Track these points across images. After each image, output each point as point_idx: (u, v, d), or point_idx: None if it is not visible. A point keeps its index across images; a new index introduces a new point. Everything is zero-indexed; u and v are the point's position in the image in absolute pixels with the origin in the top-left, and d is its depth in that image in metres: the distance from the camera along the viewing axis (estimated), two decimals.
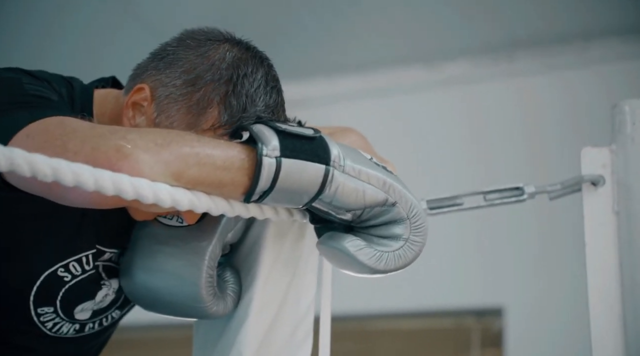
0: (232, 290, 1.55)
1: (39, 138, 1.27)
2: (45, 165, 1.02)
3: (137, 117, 1.48)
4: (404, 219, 1.43)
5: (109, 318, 1.63)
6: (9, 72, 1.46)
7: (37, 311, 1.52)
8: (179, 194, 1.28)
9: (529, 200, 1.79)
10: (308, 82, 4.46)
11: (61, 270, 1.51)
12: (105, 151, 1.23)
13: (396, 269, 1.44)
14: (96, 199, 1.27)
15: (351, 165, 1.40)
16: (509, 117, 4.18)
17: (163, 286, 1.50)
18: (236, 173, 1.33)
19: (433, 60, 4.30)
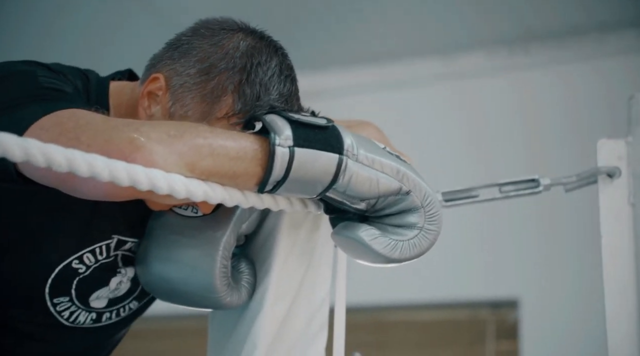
0: (246, 281, 1.56)
1: (52, 130, 1.28)
2: (60, 155, 1.02)
3: (153, 106, 1.48)
4: (418, 208, 1.43)
5: (126, 308, 1.64)
6: (24, 65, 1.46)
7: (53, 302, 1.53)
8: (193, 185, 1.28)
9: (544, 192, 1.79)
10: (323, 74, 4.46)
11: (75, 262, 1.52)
12: (119, 143, 1.24)
13: (411, 258, 1.43)
14: (110, 191, 1.27)
15: (364, 154, 1.40)
16: (524, 109, 4.17)
17: (178, 276, 1.50)
18: (250, 164, 1.33)
19: (448, 52, 4.29)
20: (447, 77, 4.30)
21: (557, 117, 4.10)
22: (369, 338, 4.27)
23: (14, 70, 1.44)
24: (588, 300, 3.41)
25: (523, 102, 4.18)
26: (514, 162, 4.06)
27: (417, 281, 4.10)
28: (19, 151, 0.94)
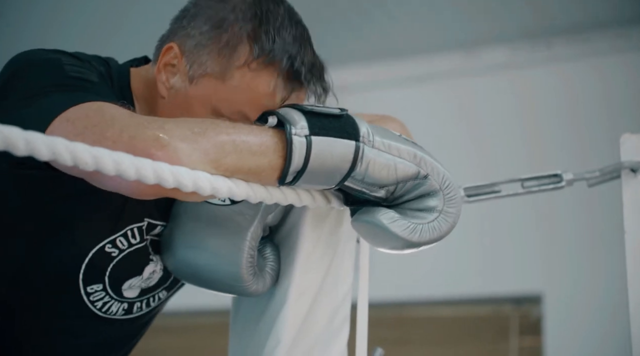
0: (270, 267, 1.56)
1: (78, 123, 1.29)
2: (86, 154, 1.03)
3: (171, 77, 1.51)
4: (437, 191, 1.43)
5: (156, 298, 1.65)
6: (49, 53, 1.47)
7: (86, 291, 1.54)
8: (218, 182, 1.29)
9: (567, 187, 1.78)
10: (346, 69, 4.46)
11: (109, 246, 1.53)
12: (144, 141, 1.25)
13: (430, 241, 1.43)
14: (136, 188, 1.28)
15: (381, 140, 1.40)
16: (547, 103, 4.16)
17: (204, 263, 1.52)
18: (272, 157, 1.34)
19: (471, 47, 4.28)
20: (471, 72, 4.29)
21: (580, 112, 4.09)
22: (392, 334, 4.27)
23: (40, 59, 1.45)
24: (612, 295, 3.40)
25: (546, 97, 4.17)
26: (536, 156, 4.04)
27: (439, 277, 4.10)
28: (45, 150, 0.95)
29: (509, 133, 4.19)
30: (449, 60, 4.33)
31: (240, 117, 1.47)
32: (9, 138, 0.91)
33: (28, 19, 3.96)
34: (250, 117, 1.46)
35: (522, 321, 4.15)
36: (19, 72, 1.44)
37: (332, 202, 1.49)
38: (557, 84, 4.15)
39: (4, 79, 1.45)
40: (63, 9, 3.95)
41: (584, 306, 3.85)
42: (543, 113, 4.16)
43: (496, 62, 4.25)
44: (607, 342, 3.64)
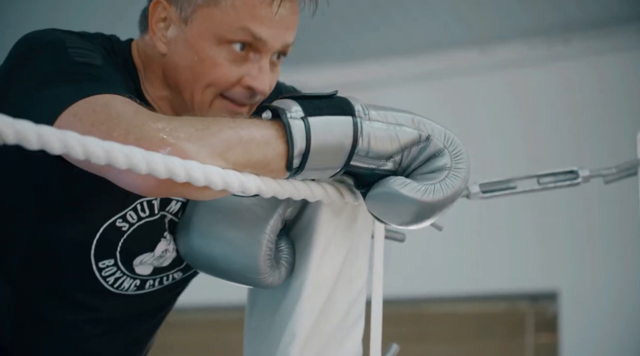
0: (285, 260, 1.56)
1: (86, 120, 1.30)
2: (98, 147, 1.03)
3: (166, 31, 1.52)
4: (442, 150, 1.42)
5: (169, 277, 1.65)
6: (51, 35, 1.47)
7: (98, 266, 1.56)
8: (230, 176, 1.29)
9: (583, 183, 1.78)
10: (363, 65, 4.46)
11: (119, 220, 1.54)
12: (150, 142, 1.25)
13: (445, 200, 1.41)
14: (146, 184, 1.28)
15: (376, 112, 1.41)
16: (564, 100, 4.15)
17: (220, 254, 1.52)
18: (275, 144, 1.34)
19: (487, 43, 4.28)
20: (487, 69, 4.28)
21: (596, 108, 4.08)
22: (407, 330, 4.27)
23: (42, 41, 1.46)
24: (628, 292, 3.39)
25: (564, 93, 4.16)
26: (554, 152, 4.04)
27: (455, 273, 4.10)
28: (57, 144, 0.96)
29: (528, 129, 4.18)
30: (465, 57, 4.32)
31: (247, 35, 1.48)
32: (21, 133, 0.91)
33: (28, 19, 3.97)
34: (256, 33, 1.48)
35: (538, 317, 4.14)
36: (24, 56, 1.45)
37: (346, 196, 1.49)
38: (573, 80, 4.14)
39: (10, 63, 1.46)
40: (63, 9, 3.96)
41: (600, 303, 3.84)
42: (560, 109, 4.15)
43: (512, 58, 4.24)
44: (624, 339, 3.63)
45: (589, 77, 4.12)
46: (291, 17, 1.53)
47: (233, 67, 1.50)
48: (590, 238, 3.94)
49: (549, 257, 4.00)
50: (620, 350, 3.70)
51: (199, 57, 1.50)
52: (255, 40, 1.49)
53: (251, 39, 1.49)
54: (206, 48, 1.49)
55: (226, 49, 1.50)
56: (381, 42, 4.34)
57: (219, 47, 1.49)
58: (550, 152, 4.06)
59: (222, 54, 1.50)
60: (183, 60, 1.51)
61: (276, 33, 1.51)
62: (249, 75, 1.51)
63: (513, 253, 4.06)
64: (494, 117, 4.26)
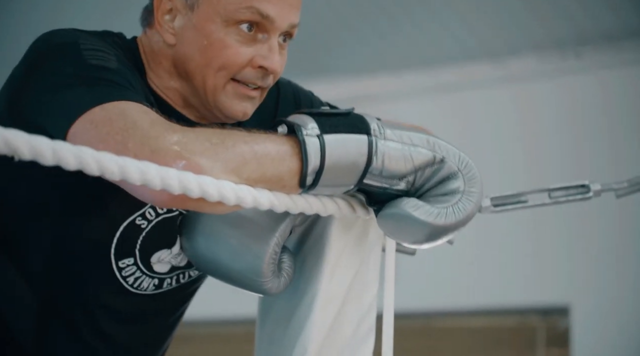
0: (286, 272, 1.56)
1: (102, 128, 1.31)
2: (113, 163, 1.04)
3: (172, 23, 1.54)
4: (456, 173, 1.42)
5: (186, 275, 1.66)
6: (64, 36, 1.49)
7: (118, 266, 1.57)
8: (243, 191, 1.30)
9: (595, 197, 1.77)
10: (375, 78, 4.47)
11: (139, 218, 1.55)
12: (165, 155, 1.26)
13: (457, 224, 1.41)
14: (160, 198, 1.29)
15: (391, 132, 1.41)
16: (575, 112, 4.14)
17: (226, 250, 1.52)
18: (289, 161, 1.35)
19: (499, 56, 4.28)
20: (499, 81, 4.29)
21: (607, 121, 4.07)
22: (419, 345, 4.26)
23: (57, 43, 1.47)
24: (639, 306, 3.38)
25: (576, 107, 4.15)
26: (564, 166, 4.03)
27: (466, 287, 4.09)
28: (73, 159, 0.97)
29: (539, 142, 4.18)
30: (477, 69, 4.33)
31: (254, 14, 1.50)
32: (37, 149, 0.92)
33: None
34: (262, 10, 1.50)
35: (549, 332, 4.13)
36: (39, 57, 1.46)
37: (358, 210, 1.50)
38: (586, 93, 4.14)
39: (25, 64, 1.47)
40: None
41: (612, 318, 3.83)
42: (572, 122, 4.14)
43: (524, 71, 4.24)
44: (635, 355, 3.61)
45: (600, 90, 4.12)
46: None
47: (243, 48, 1.52)
48: (602, 253, 3.93)
49: (561, 272, 4.00)
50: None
51: (208, 41, 1.52)
52: (262, 18, 1.51)
53: (258, 18, 1.51)
54: (215, 31, 1.51)
55: (234, 30, 1.52)
56: (393, 54, 4.35)
57: (227, 29, 1.51)
58: (561, 165, 4.06)
59: (231, 36, 1.52)
60: (193, 47, 1.53)
61: (282, 10, 1.53)
62: (259, 55, 1.53)
63: (524, 267, 4.05)
64: (505, 130, 4.25)
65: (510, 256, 4.04)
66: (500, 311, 4.20)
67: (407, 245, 1.48)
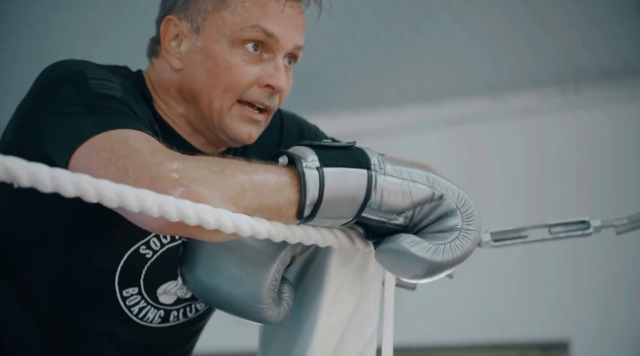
0: (286, 301, 1.56)
1: (103, 155, 1.32)
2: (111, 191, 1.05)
3: (178, 48, 1.58)
4: (454, 210, 1.42)
5: (193, 308, 1.66)
6: (72, 66, 1.51)
7: (122, 294, 1.56)
8: (240, 219, 1.30)
9: (595, 234, 1.77)
10: (378, 113, 4.49)
11: (143, 247, 1.55)
12: (164, 183, 1.27)
13: (454, 261, 1.41)
14: (158, 225, 1.30)
15: (392, 167, 1.41)
16: (575, 148, 4.15)
17: (226, 277, 1.52)
18: (288, 192, 1.35)
19: (499, 91, 4.30)
20: (499, 117, 4.30)
21: (607, 157, 4.08)
22: None
23: (63, 73, 1.49)
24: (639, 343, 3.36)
25: (574, 142, 4.16)
26: (563, 201, 4.04)
27: (466, 321, 4.08)
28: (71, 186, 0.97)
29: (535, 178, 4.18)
30: (477, 105, 4.34)
31: (259, 32, 1.53)
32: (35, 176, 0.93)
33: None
34: (267, 29, 1.53)
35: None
36: (47, 86, 1.48)
37: (357, 243, 1.50)
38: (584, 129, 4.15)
39: (33, 94, 1.49)
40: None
41: (611, 353, 3.82)
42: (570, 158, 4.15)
43: (524, 107, 4.26)
44: None
45: (600, 126, 4.13)
46: (298, 17, 1.58)
47: (249, 68, 1.55)
48: (602, 289, 3.92)
49: (561, 307, 3.99)
50: None
51: (214, 62, 1.54)
52: (267, 37, 1.54)
53: (264, 37, 1.54)
54: (221, 52, 1.54)
55: (240, 50, 1.54)
56: (396, 90, 4.37)
57: (232, 49, 1.54)
58: (561, 200, 4.06)
59: (237, 56, 1.54)
60: (199, 69, 1.56)
61: (286, 30, 1.56)
62: (266, 73, 1.56)
63: (525, 302, 4.05)
64: (505, 165, 4.26)
65: (510, 291, 4.03)
66: (501, 346, 4.19)
67: (406, 280, 1.48)
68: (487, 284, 4.11)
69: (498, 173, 4.24)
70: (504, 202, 4.10)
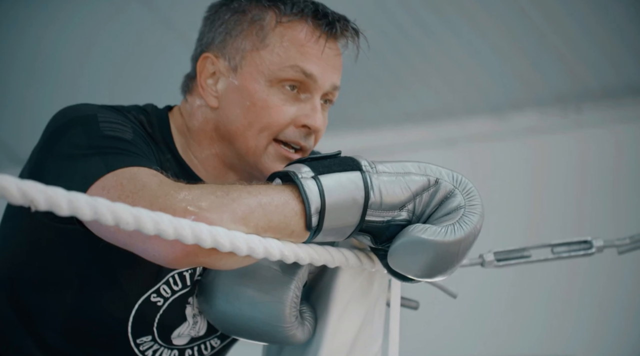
0: (308, 321, 1.56)
1: (113, 192, 1.34)
2: (127, 213, 1.06)
3: (215, 86, 1.58)
4: (453, 191, 1.44)
5: (208, 346, 1.66)
6: (85, 109, 1.52)
7: (136, 342, 1.57)
8: (254, 241, 1.31)
9: (597, 254, 1.79)
10: (379, 132, 4.49)
11: (154, 295, 1.55)
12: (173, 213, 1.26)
13: (467, 237, 1.42)
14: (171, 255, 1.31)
15: (382, 165, 1.43)
16: (576, 168, 4.16)
17: (246, 299, 1.52)
18: (293, 204, 1.37)
19: (501, 110, 4.30)
20: (501, 136, 4.31)
21: (609, 177, 4.08)
22: None
23: (76, 116, 1.50)
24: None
25: (576, 162, 4.17)
26: (565, 221, 4.04)
27: (469, 341, 4.08)
28: (88, 209, 0.98)
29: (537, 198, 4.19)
30: (479, 124, 4.35)
31: (297, 73, 1.54)
32: (53, 199, 0.94)
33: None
34: (306, 69, 1.54)
35: None
36: (59, 130, 1.49)
37: (364, 262, 1.51)
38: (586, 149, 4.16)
39: (45, 136, 1.50)
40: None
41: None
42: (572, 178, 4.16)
43: (526, 126, 4.26)
44: None
45: (602, 146, 4.13)
46: (336, 58, 1.60)
47: (286, 108, 1.56)
48: (603, 309, 3.92)
49: (561, 327, 3.98)
50: None
51: (251, 102, 1.55)
52: (306, 77, 1.55)
53: (302, 77, 1.55)
54: (258, 91, 1.55)
55: (278, 90, 1.55)
56: (397, 108, 4.38)
57: (270, 89, 1.55)
58: (563, 220, 4.06)
59: (275, 95, 1.55)
60: (236, 108, 1.56)
61: (325, 70, 1.57)
62: (303, 113, 1.56)
63: (525, 322, 4.04)
64: (507, 184, 4.26)
65: (514, 310, 4.03)
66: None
67: (425, 278, 1.46)
68: (490, 303, 4.12)
69: (500, 192, 4.24)
70: (505, 221, 4.10)
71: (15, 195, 0.91)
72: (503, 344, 4.07)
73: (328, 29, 1.56)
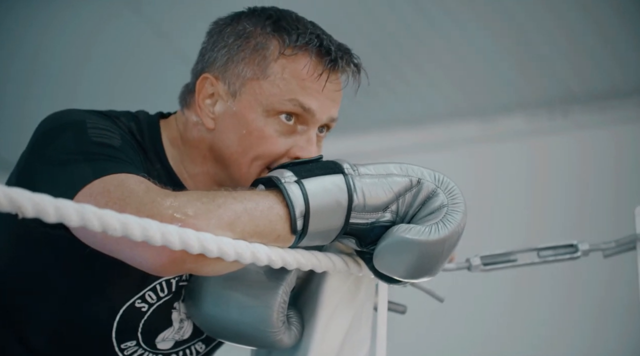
0: (295, 326, 1.57)
1: (100, 199, 1.33)
2: (114, 220, 1.06)
3: (212, 107, 1.57)
4: (435, 190, 1.45)
5: (192, 350, 1.66)
6: (75, 115, 1.51)
7: (120, 347, 1.57)
8: (242, 246, 1.32)
9: (583, 257, 1.79)
10: (363, 136, 4.50)
11: (138, 301, 1.55)
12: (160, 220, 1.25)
13: (451, 235, 1.43)
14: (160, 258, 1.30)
15: (364, 168, 1.44)
16: (563, 172, 4.17)
17: (235, 303, 1.52)
18: (277, 209, 1.37)
19: (487, 114, 4.31)
20: (487, 140, 4.32)
21: (596, 180, 4.10)
22: None
23: (65, 121, 1.49)
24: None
25: (562, 166, 4.18)
26: (552, 226, 4.05)
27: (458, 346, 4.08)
28: (75, 215, 0.98)
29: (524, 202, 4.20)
30: (466, 128, 4.36)
31: (296, 106, 1.53)
32: (40, 206, 0.94)
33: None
34: (305, 104, 1.53)
35: None
36: (47, 135, 1.48)
37: (351, 267, 1.51)
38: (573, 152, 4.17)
39: (33, 141, 1.50)
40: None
41: None
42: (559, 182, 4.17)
43: (513, 130, 4.27)
44: None
45: (588, 149, 4.15)
46: (336, 92, 1.60)
47: (281, 139, 1.55)
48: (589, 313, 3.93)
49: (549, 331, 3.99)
50: None
51: (247, 130, 1.54)
52: (304, 111, 1.54)
53: (300, 110, 1.54)
54: (255, 120, 1.54)
55: (275, 120, 1.54)
56: (382, 112, 4.38)
57: (267, 119, 1.54)
58: (550, 224, 4.07)
59: (271, 126, 1.54)
60: (231, 134, 1.55)
61: (323, 105, 1.56)
62: (297, 146, 1.56)
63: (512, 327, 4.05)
64: (492, 188, 4.27)
65: (503, 314, 4.04)
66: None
67: (411, 279, 1.47)
68: (479, 308, 4.12)
69: (485, 196, 4.25)
70: (493, 224, 4.11)
71: (3, 202, 0.91)
72: (490, 348, 4.07)
73: (331, 65, 1.56)
